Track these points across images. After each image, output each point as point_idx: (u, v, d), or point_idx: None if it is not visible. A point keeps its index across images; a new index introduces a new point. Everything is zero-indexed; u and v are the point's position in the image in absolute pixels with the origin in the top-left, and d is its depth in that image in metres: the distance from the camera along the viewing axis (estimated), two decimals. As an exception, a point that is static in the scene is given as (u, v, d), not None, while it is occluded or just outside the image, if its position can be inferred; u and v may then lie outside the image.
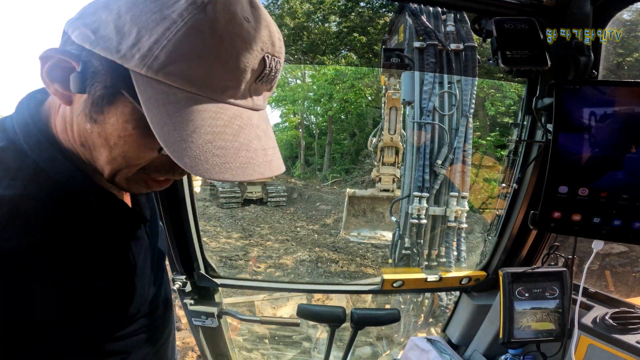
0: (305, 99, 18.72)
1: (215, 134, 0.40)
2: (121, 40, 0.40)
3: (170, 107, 0.39)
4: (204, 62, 0.39)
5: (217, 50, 0.40)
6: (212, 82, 0.41)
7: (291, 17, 14.48)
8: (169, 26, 0.39)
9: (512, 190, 1.31)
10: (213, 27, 0.39)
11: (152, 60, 0.39)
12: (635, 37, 8.50)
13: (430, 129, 4.13)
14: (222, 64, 0.40)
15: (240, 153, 0.41)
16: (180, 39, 0.39)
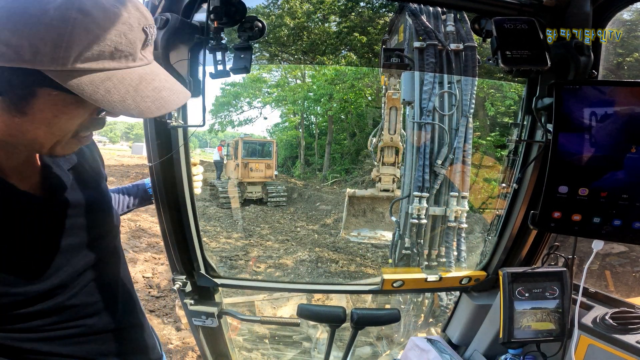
0: (305, 99, 18.70)
1: (136, 89, 0.57)
2: (19, 52, 0.49)
3: (97, 82, 0.53)
4: (103, 48, 0.53)
5: (109, 36, 0.53)
6: (116, 58, 0.55)
7: (291, 17, 14.47)
8: (60, 32, 0.50)
9: (512, 190, 1.31)
10: (95, 22, 0.52)
11: (63, 60, 0.51)
12: (635, 37, 8.50)
13: (430, 129, 4.12)
14: (117, 44, 0.54)
15: (157, 95, 0.59)
16: (75, 38, 0.50)
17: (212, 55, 1.00)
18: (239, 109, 21.18)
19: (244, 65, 1.00)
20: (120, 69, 0.55)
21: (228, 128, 21.84)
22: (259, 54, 15.91)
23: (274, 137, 22.22)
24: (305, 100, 18.72)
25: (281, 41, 14.91)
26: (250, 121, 21.28)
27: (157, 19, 0.90)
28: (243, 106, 21.10)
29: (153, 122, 1.08)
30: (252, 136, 17.36)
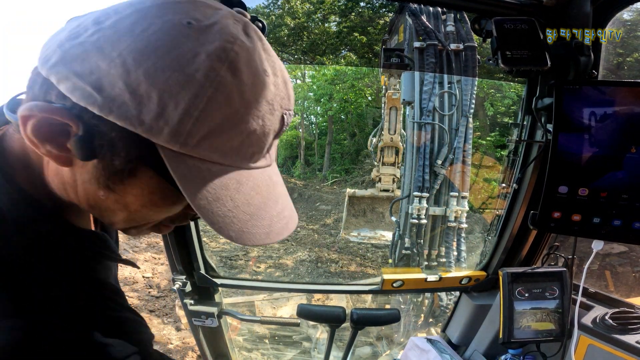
0: (305, 99, 18.71)
1: (250, 205, 0.40)
2: (141, 107, 0.33)
3: (207, 182, 0.37)
4: (236, 133, 0.37)
5: (247, 117, 0.37)
6: (243, 152, 0.39)
7: (291, 17, 14.48)
8: (197, 92, 0.34)
9: (512, 190, 1.31)
10: (241, 90, 0.36)
11: (185, 137, 0.35)
12: (635, 37, 8.50)
13: (430, 129, 4.12)
14: (251, 132, 0.38)
15: (273, 219, 0.42)
16: (211, 108, 0.35)
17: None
18: (239, 109, 21.15)
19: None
20: (240, 169, 0.39)
21: (228, 128, 21.81)
22: (259, 54, 15.88)
23: (274, 137, 22.17)
24: (305, 100, 18.73)
25: (281, 41, 14.91)
26: (250, 121, 21.25)
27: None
28: (243, 106, 21.07)
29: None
30: (252, 136, 17.29)
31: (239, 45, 0.36)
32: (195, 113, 0.34)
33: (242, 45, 0.37)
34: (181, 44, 0.34)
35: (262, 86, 0.38)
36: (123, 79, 0.33)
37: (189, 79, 0.34)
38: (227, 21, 0.37)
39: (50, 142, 0.36)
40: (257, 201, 0.40)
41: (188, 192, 0.36)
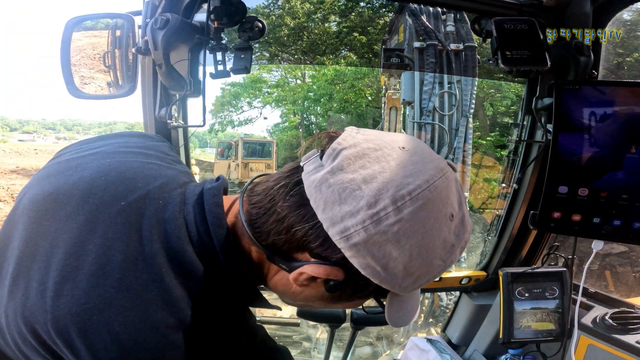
0: (305, 99, 18.71)
1: (414, 310, 0.54)
2: (404, 279, 0.44)
3: (401, 305, 0.51)
4: (432, 278, 0.47)
5: (445, 269, 0.47)
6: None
7: (291, 17, 14.48)
8: (435, 272, 0.46)
9: (512, 190, 1.31)
10: (455, 254, 0.46)
11: (411, 288, 0.46)
12: (635, 37, 8.50)
13: (430, 129, 4.13)
14: (439, 273, 0.47)
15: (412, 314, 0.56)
16: (433, 277, 0.46)
17: (213, 55, 1.00)
18: (239, 109, 21.20)
19: (244, 65, 1.00)
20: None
21: (228, 128, 21.86)
22: (259, 54, 15.92)
23: (274, 137, 22.23)
24: (305, 100, 18.73)
25: (281, 41, 14.92)
26: (250, 121, 21.30)
27: (158, 19, 0.90)
28: (243, 106, 21.11)
29: (153, 123, 1.08)
30: (252, 136, 17.37)
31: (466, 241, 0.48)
32: (424, 280, 0.46)
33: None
34: (446, 242, 0.44)
35: (460, 241, 0.47)
36: (404, 264, 0.42)
37: (431, 264, 0.45)
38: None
39: (310, 279, 0.46)
40: (414, 305, 0.54)
41: (388, 312, 0.51)
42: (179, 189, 0.51)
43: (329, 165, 0.43)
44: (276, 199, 0.46)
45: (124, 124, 69.58)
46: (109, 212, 0.46)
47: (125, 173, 0.50)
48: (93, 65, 1.08)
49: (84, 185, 0.48)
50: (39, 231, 0.46)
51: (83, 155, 0.54)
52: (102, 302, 0.41)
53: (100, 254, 0.43)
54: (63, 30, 0.98)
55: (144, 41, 0.94)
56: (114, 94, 1.08)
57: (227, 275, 0.49)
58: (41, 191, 0.49)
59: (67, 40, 0.98)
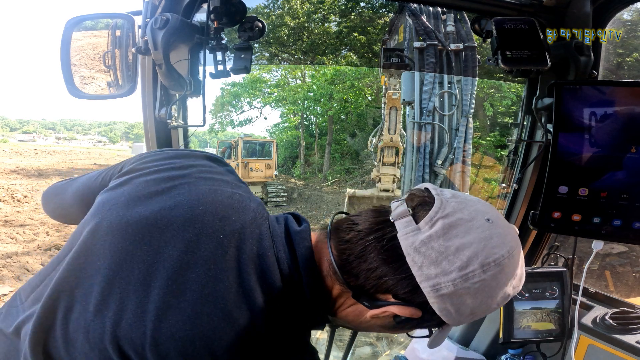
0: (305, 99, 18.71)
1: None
2: (466, 318, 0.53)
3: (445, 332, 0.58)
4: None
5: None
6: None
7: (291, 17, 14.47)
8: (489, 312, 0.54)
9: (512, 190, 1.31)
10: (508, 300, 0.54)
11: (464, 323, 0.55)
12: (635, 37, 8.50)
13: (430, 129, 4.13)
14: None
15: None
16: (486, 314, 0.55)
17: (212, 55, 1.00)
18: (239, 109, 21.20)
19: (244, 65, 1.00)
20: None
21: (228, 128, 21.87)
22: (259, 54, 15.92)
23: (274, 137, 22.23)
24: (305, 100, 18.73)
25: (281, 41, 14.92)
26: (250, 121, 21.31)
27: (157, 19, 0.90)
28: (243, 106, 21.12)
29: (153, 123, 1.08)
30: (252, 136, 17.37)
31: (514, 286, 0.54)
32: (476, 318, 0.54)
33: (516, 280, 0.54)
34: (506, 293, 0.53)
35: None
36: (472, 309, 0.51)
37: (492, 308, 0.53)
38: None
39: (388, 315, 0.55)
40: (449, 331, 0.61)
41: (434, 338, 0.58)
42: (265, 223, 0.57)
43: (427, 231, 0.50)
44: (369, 249, 0.52)
45: (124, 124, 69.56)
46: (209, 243, 0.51)
47: (219, 204, 0.56)
48: (93, 65, 1.08)
49: (182, 213, 0.53)
50: (135, 254, 0.50)
51: (170, 177, 0.58)
52: (206, 329, 0.46)
53: (204, 284, 0.48)
54: (63, 30, 0.98)
55: (144, 41, 0.94)
56: (114, 94, 1.08)
57: (308, 306, 0.56)
58: (136, 214, 0.53)
59: (67, 40, 0.98)
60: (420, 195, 0.55)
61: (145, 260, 0.50)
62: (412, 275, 0.50)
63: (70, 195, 0.74)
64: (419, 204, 0.54)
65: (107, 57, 1.08)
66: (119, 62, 1.08)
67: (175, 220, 0.52)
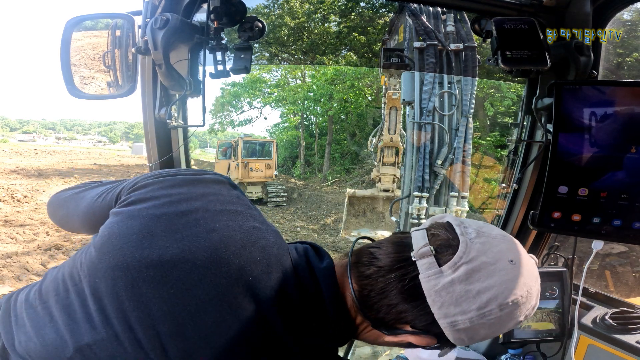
0: (305, 99, 18.70)
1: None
2: (477, 341, 0.55)
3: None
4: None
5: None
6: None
7: (291, 17, 14.47)
8: (496, 334, 0.56)
9: (512, 190, 1.31)
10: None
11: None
12: (635, 37, 8.49)
13: (430, 129, 4.12)
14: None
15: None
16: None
17: (212, 55, 1.00)
18: (239, 109, 21.19)
19: (244, 65, 1.00)
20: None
21: (228, 128, 21.85)
22: (259, 54, 15.91)
23: (274, 137, 22.23)
24: (305, 100, 18.72)
25: (281, 41, 14.91)
26: (250, 121, 21.29)
27: (157, 19, 0.90)
28: (243, 106, 21.11)
29: (153, 123, 1.08)
30: (252, 136, 17.36)
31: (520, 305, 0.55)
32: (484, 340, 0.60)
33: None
34: (518, 321, 0.54)
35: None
36: (484, 337, 0.54)
37: (502, 332, 0.56)
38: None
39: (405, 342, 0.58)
40: None
41: (443, 353, 0.60)
42: (287, 259, 0.59)
43: (450, 275, 0.51)
44: (390, 287, 0.54)
45: (124, 124, 69.53)
46: (237, 287, 0.53)
47: (241, 243, 0.56)
48: (93, 65, 1.08)
49: (206, 256, 0.53)
50: (159, 296, 0.51)
51: (183, 212, 0.57)
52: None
53: (232, 327, 0.51)
54: (63, 30, 0.98)
55: (144, 41, 0.94)
56: (114, 94, 1.08)
57: (334, 337, 0.58)
58: (155, 256, 0.52)
59: (67, 40, 0.98)
60: (444, 237, 0.55)
61: (173, 302, 0.51)
62: (431, 313, 0.52)
63: (75, 216, 0.73)
64: (443, 245, 0.54)
65: (107, 57, 1.08)
66: (118, 62, 1.08)
67: (199, 263, 0.53)
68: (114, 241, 0.54)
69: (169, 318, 0.50)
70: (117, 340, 0.50)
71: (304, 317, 0.55)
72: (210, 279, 0.52)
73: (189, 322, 0.50)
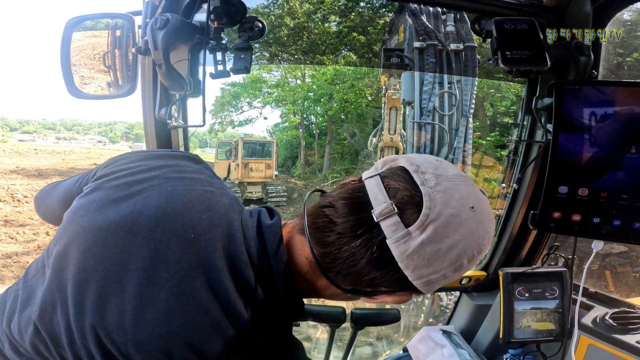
0: (305, 99, 18.70)
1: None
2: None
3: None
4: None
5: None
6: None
7: (291, 17, 14.47)
8: (454, 278, 0.54)
9: (512, 190, 1.31)
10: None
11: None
12: (635, 37, 8.49)
13: (430, 129, 4.13)
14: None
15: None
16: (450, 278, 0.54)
17: (212, 55, 1.00)
18: (239, 109, 21.19)
19: (244, 65, 1.00)
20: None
21: (228, 128, 21.85)
22: (259, 54, 15.92)
23: (274, 137, 22.22)
24: (305, 100, 18.72)
25: (281, 41, 14.91)
26: (250, 121, 21.29)
27: (157, 19, 0.90)
28: (243, 106, 21.10)
29: (153, 123, 1.08)
30: (252, 136, 17.37)
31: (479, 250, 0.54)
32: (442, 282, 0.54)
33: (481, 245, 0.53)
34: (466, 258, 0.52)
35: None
36: (448, 281, 0.53)
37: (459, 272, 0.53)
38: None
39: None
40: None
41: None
42: (237, 219, 0.57)
43: (419, 237, 0.49)
44: (357, 256, 0.51)
45: (124, 124, 69.53)
46: (180, 242, 0.52)
47: (189, 203, 0.56)
48: (93, 65, 1.08)
49: (152, 215, 0.53)
50: (108, 257, 0.51)
51: (140, 180, 0.58)
52: (184, 325, 0.48)
53: (177, 282, 0.50)
54: (63, 30, 0.98)
55: (144, 41, 0.94)
56: (114, 94, 1.08)
57: (282, 298, 0.56)
58: (107, 219, 0.54)
59: (67, 40, 0.98)
60: (405, 191, 0.51)
61: (118, 262, 0.51)
62: (405, 276, 0.51)
63: (54, 201, 0.75)
64: (405, 202, 0.50)
65: (107, 57, 1.08)
66: (118, 62, 1.08)
67: (146, 222, 0.53)
68: (78, 211, 0.57)
69: (120, 277, 0.50)
70: (57, 292, 0.51)
71: (247, 272, 0.54)
72: (153, 236, 0.52)
73: (137, 278, 0.50)
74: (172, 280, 0.50)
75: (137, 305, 0.48)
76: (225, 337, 0.50)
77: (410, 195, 0.50)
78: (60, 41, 0.97)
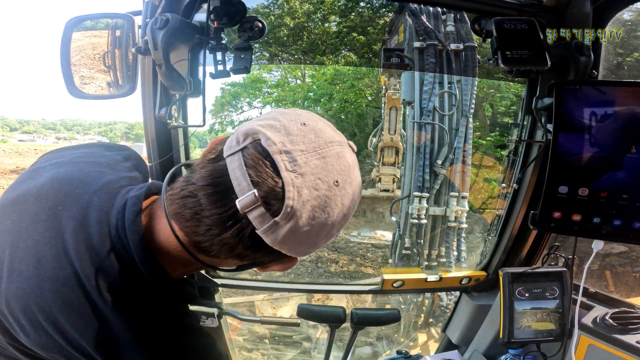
0: (305, 99, 18.69)
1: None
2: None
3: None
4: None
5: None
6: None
7: (291, 17, 14.47)
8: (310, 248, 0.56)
9: (512, 190, 1.31)
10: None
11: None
12: (635, 37, 8.49)
13: (430, 129, 4.13)
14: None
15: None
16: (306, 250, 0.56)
17: (212, 55, 1.00)
18: (239, 109, 21.17)
19: (244, 65, 1.00)
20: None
21: (228, 128, 21.83)
22: (259, 54, 15.91)
23: (274, 137, 22.15)
24: (305, 100, 18.70)
25: (281, 41, 14.91)
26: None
27: (157, 19, 0.90)
28: (243, 106, 21.09)
29: (153, 123, 1.08)
30: (252, 136, 17.27)
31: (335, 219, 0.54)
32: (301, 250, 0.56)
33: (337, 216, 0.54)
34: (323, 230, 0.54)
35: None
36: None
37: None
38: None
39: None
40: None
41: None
42: (113, 192, 0.59)
43: (286, 225, 0.50)
44: (232, 245, 0.52)
45: (124, 124, 69.49)
46: (48, 214, 0.55)
47: (68, 181, 0.59)
48: (93, 65, 1.08)
49: (35, 192, 0.58)
50: (2, 230, 0.57)
51: (46, 166, 0.63)
52: (38, 288, 0.52)
53: (39, 249, 0.54)
54: (63, 30, 0.98)
55: (144, 41, 0.94)
56: (114, 94, 1.08)
57: (137, 271, 0.56)
58: (9, 196, 0.60)
59: (67, 40, 0.98)
60: (265, 175, 0.49)
61: (6, 233, 0.56)
62: (283, 254, 0.54)
63: None
64: (268, 193, 0.49)
65: (107, 57, 1.08)
66: (119, 62, 1.09)
67: (29, 198, 0.57)
68: (5, 194, 0.62)
69: (2, 246, 0.55)
70: None
71: (100, 243, 0.55)
72: (29, 209, 0.56)
73: (8, 247, 0.54)
74: (35, 248, 0.54)
75: (9, 269, 0.54)
76: (80, 308, 0.52)
77: (273, 185, 0.49)
78: (60, 41, 0.97)
